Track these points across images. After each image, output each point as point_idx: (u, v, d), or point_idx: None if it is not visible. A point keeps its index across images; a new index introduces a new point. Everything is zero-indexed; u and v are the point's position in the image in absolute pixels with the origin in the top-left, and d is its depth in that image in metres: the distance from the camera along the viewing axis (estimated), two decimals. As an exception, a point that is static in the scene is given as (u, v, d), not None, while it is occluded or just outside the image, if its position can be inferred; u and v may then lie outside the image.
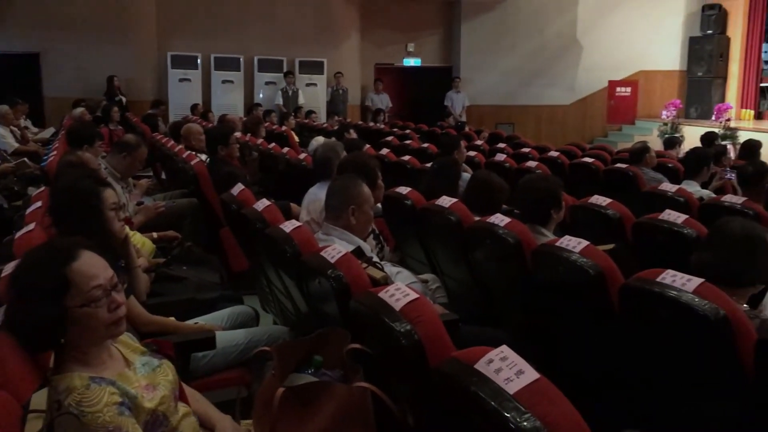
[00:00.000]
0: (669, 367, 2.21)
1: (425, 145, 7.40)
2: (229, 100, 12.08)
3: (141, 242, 3.46)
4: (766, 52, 13.68)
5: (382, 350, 1.94)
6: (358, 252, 2.59)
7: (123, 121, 9.62)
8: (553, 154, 6.79)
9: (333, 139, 6.12)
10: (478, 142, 8.29)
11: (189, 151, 5.75)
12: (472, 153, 6.71)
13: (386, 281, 2.33)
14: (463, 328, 2.74)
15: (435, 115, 12.49)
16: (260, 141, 7.36)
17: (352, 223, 2.88)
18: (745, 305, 2.21)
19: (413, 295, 1.85)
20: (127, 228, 2.97)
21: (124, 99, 11.11)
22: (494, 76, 13.41)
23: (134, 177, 5.12)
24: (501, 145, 8.04)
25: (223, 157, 5.05)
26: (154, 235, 3.78)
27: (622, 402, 2.42)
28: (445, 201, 3.44)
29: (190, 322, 2.73)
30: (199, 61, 12.04)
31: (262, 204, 3.28)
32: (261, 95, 12.44)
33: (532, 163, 5.89)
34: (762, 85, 12.92)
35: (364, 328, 2.03)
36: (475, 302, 3.33)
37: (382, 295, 1.92)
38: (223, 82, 12.23)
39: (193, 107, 11.05)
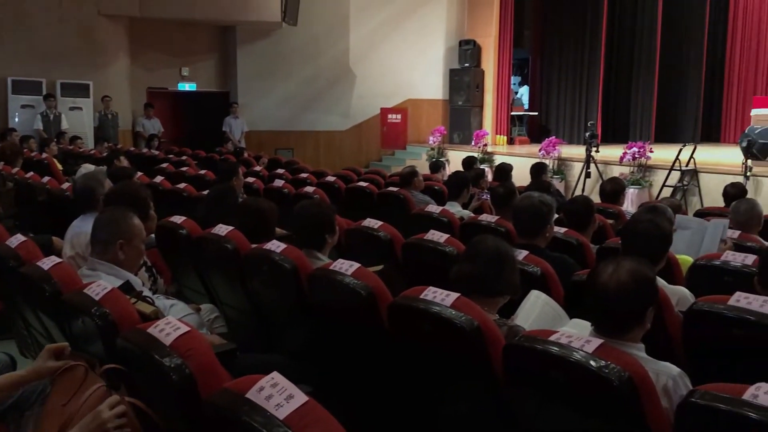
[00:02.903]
0: (433, 375, 2.38)
1: (203, 171, 7.25)
2: (-25, 125, 10.86)
3: None
4: (514, 84, 15.32)
5: (154, 387, 1.87)
6: (127, 287, 2.47)
7: None
8: (330, 178, 7.00)
9: (96, 167, 5.77)
10: (257, 168, 8.29)
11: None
12: (250, 179, 6.70)
13: (157, 316, 2.25)
14: (243, 357, 2.73)
15: (213, 141, 12.27)
16: (16, 170, 6.72)
17: (120, 257, 2.74)
18: (495, 315, 2.45)
19: (184, 329, 1.81)
20: None
21: None
22: (273, 101, 13.51)
23: None
24: (280, 170, 8.11)
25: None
26: None
27: (394, 410, 2.57)
28: (222, 229, 3.40)
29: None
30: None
31: (17, 240, 3.01)
32: (17, 119, 11.35)
33: (309, 189, 6.01)
34: (512, 113, 14.41)
35: (133, 366, 1.94)
36: (255, 330, 3.33)
37: (151, 330, 1.86)
38: (-31, 105, 10.98)
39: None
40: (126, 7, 11.91)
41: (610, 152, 10.46)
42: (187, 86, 13.24)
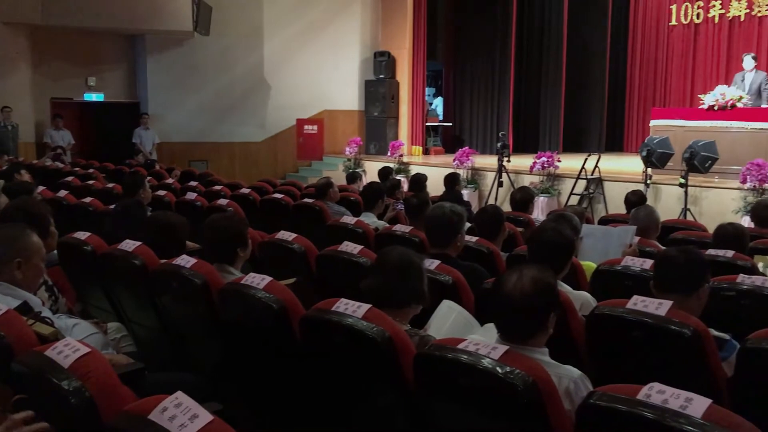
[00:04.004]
0: (346, 386, 2.39)
1: (111, 185, 7.01)
2: None
3: None
4: (428, 95, 15.58)
5: (53, 412, 1.79)
6: (24, 308, 2.36)
7: None
8: (245, 191, 6.91)
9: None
10: (169, 181, 8.09)
11: None
12: (162, 192, 6.53)
13: (56, 337, 2.16)
14: (152, 376, 2.65)
15: (123, 153, 11.88)
16: None
17: (18, 277, 2.61)
18: (407, 325, 2.48)
19: (84, 350, 1.75)
20: None
21: None
22: (185, 112, 13.22)
23: None
24: (193, 183, 7.95)
25: None
26: None
27: (308, 423, 2.55)
28: (129, 245, 3.30)
29: None
30: None
31: None
32: None
33: (223, 201, 5.92)
34: (427, 124, 14.63)
35: (30, 391, 1.85)
36: (165, 348, 3.24)
37: (49, 352, 1.78)
38: None
39: None
40: (27, 14, 11.40)
41: (521, 162, 10.77)
42: (94, 96, 12.78)
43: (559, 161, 10.07)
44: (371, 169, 11.94)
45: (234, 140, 13.76)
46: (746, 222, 6.72)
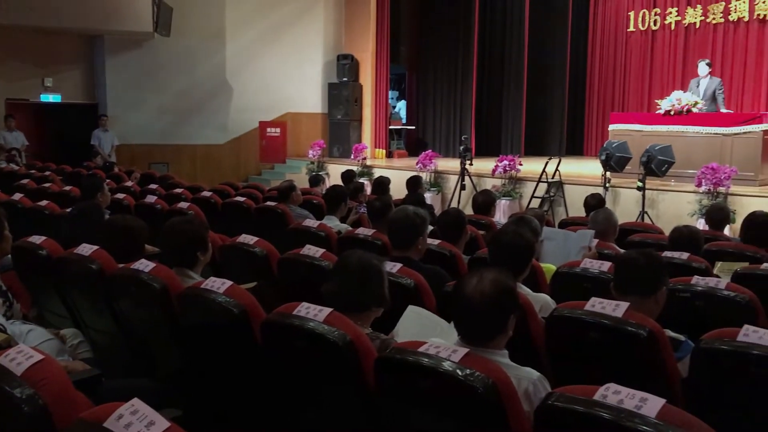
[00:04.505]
0: (307, 389, 2.38)
1: (68, 188, 6.87)
2: None
3: None
4: (392, 98, 15.62)
5: (5, 421, 1.75)
6: (-24, 314, 2.29)
7: None
8: (206, 194, 6.84)
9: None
10: (129, 184, 7.97)
11: None
12: (121, 195, 6.43)
13: (9, 344, 2.11)
14: (109, 383, 2.61)
15: (81, 155, 11.66)
16: None
17: (-31, 281, 2.55)
18: (369, 329, 2.48)
19: (37, 357, 1.71)
20: None
21: None
22: (146, 114, 13.02)
23: None
24: (153, 186, 7.84)
25: None
26: None
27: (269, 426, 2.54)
28: (86, 249, 3.24)
29: None
30: None
31: None
32: None
33: (184, 204, 5.85)
34: (390, 127, 14.68)
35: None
36: (124, 354, 3.19)
37: (1, 360, 1.74)
38: None
39: None
40: (-19, 13, 11.13)
41: (483, 165, 10.87)
42: (50, 97, 12.51)
43: (521, 165, 10.18)
44: (334, 172, 11.93)
45: (196, 142, 13.61)
46: (701, 224, 6.89)
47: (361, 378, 2.17)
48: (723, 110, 9.76)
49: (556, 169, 9.62)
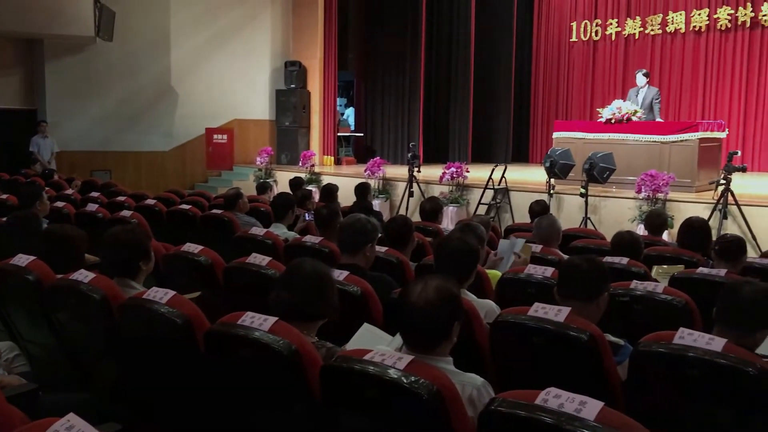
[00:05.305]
0: (253, 400, 2.35)
1: (4, 196, 6.65)
2: None
3: None
4: (340, 105, 15.62)
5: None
6: None
7: None
8: (150, 201, 6.71)
9: None
10: (69, 192, 7.76)
11: None
12: (60, 203, 6.25)
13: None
14: (47, 398, 2.53)
15: (19, 163, 11.30)
16: None
17: None
18: (314, 337, 2.47)
19: (-32, 373, 1.65)
20: None
21: None
22: (87, 120, 12.70)
23: None
24: (95, 194, 7.65)
25: None
26: None
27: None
28: (22, 259, 3.14)
29: None
30: None
31: None
32: None
33: (126, 213, 5.72)
34: (339, 134, 14.67)
35: None
36: (63, 367, 3.10)
37: (-72, 377, 1.67)
38: None
39: None
40: None
41: (431, 172, 10.96)
42: (-14, 103, 12.10)
43: (468, 171, 10.30)
44: (283, 180, 11.85)
45: (140, 149, 13.34)
46: (641, 230, 7.08)
47: (306, 387, 2.15)
48: (658, 119, 10.09)
49: (503, 176, 9.76)
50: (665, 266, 4.03)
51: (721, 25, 12.73)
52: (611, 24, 14.23)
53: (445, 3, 14.76)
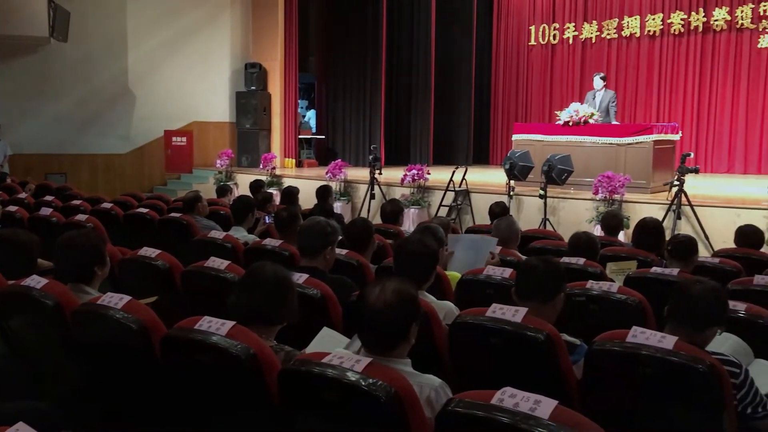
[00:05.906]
0: (211, 404, 2.33)
1: (-46, 201, 6.48)
2: None
3: None
4: (302, 107, 15.56)
5: None
6: None
7: None
8: (107, 205, 6.60)
9: None
10: (22, 195, 7.58)
11: None
12: (13, 207, 6.10)
13: None
14: (1, 406, 2.47)
15: (-30, 166, 11.01)
16: None
17: None
18: (273, 341, 2.46)
19: None
20: None
21: None
22: (41, 123, 12.42)
23: None
24: (49, 197, 7.48)
25: None
26: None
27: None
28: (-29, 266, 3.06)
29: None
30: None
31: None
32: None
33: (82, 217, 5.61)
34: (300, 136, 14.61)
35: None
36: (16, 375, 3.02)
37: None
38: None
39: None
40: None
41: (392, 174, 10.98)
42: (-65, 104, 11.75)
43: (429, 174, 10.35)
44: (243, 182, 11.76)
45: (96, 152, 13.10)
46: (598, 230, 7.20)
47: (264, 391, 2.14)
48: (614, 122, 10.28)
49: (463, 178, 9.84)
50: (619, 263, 4.11)
51: (674, 30, 13.04)
52: (569, 28, 14.46)
53: (406, 6, 14.83)
